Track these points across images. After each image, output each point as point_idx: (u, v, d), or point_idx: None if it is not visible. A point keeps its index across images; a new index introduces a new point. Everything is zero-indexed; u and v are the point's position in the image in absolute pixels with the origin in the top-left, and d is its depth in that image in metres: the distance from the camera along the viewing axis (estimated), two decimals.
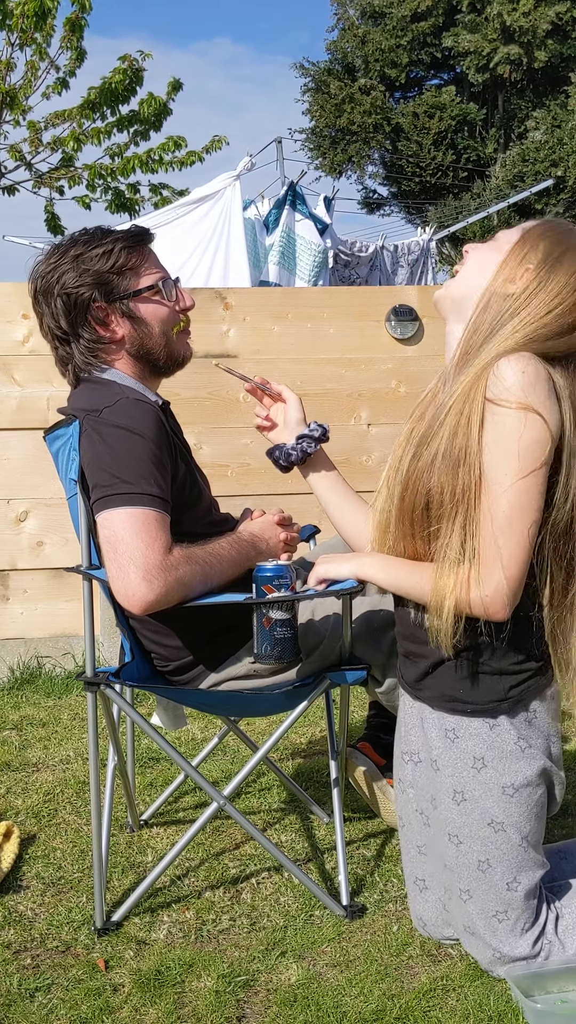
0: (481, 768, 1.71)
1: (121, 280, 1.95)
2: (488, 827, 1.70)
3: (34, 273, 1.98)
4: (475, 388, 1.61)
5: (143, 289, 1.97)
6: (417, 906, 1.86)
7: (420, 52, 17.42)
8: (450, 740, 1.73)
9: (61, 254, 1.96)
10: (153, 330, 1.99)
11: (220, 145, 9.55)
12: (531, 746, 1.71)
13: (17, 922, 1.97)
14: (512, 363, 1.59)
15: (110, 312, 1.96)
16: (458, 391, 1.64)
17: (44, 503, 3.89)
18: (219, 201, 5.81)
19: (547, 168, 14.00)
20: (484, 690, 1.71)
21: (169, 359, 2.04)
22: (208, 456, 3.95)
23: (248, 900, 2.04)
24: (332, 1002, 1.67)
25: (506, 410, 1.57)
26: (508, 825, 1.70)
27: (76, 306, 1.94)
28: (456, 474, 1.62)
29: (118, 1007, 1.69)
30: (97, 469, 1.82)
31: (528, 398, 1.56)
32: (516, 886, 1.71)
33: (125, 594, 1.76)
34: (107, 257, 1.94)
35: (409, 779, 1.84)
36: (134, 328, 1.98)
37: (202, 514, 2.03)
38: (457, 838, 1.73)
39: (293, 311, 4.07)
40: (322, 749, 2.91)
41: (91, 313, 1.94)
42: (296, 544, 2.12)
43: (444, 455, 1.64)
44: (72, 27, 8.76)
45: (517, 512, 1.59)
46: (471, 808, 1.71)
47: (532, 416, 1.56)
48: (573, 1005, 1.63)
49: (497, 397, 1.58)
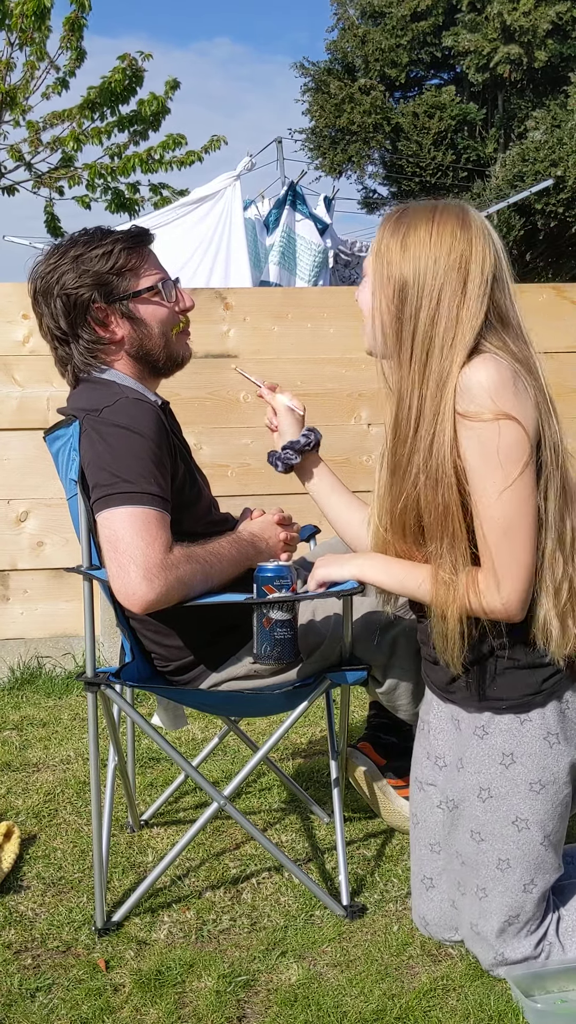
0: (510, 764, 1.71)
1: (121, 281, 1.95)
2: (512, 825, 1.71)
3: (34, 273, 1.98)
4: (443, 403, 1.61)
5: (143, 290, 1.97)
6: (421, 906, 1.86)
7: (420, 52, 17.42)
8: (479, 737, 1.74)
9: (61, 255, 1.96)
10: (152, 331, 1.99)
11: (219, 145, 9.56)
12: (560, 740, 1.71)
13: (18, 922, 1.97)
14: (474, 371, 1.59)
15: (110, 313, 1.96)
16: (426, 409, 1.63)
17: (44, 503, 3.89)
18: (219, 201, 5.81)
19: (547, 168, 13.98)
20: (519, 685, 1.71)
21: (168, 360, 2.04)
22: (208, 456, 3.95)
23: (248, 900, 2.04)
24: (332, 1002, 1.67)
25: (480, 423, 1.57)
26: (532, 823, 1.70)
27: (76, 307, 1.94)
28: (436, 493, 1.63)
29: (119, 1007, 1.69)
30: (97, 468, 1.82)
31: (498, 404, 1.57)
32: (532, 888, 1.72)
33: (125, 593, 1.76)
34: (107, 258, 1.94)
35: (430, 778, 1.84)
36: (133, 329, 1.98)
37: (202, 514, 2.03)
38: (479, 835, 1.73)
39: (293, 311, 4.07)
40: (322, 749, 2.91)
41: (91, 314, 1.94)
42: (296, 544, 2.12)
43: (425, 474, 1.64)
44: (72, 27, 8.76)
45: (513, 518, 1.59)
46: (497, 805, 1.71)
47: (505, 422, 1.56)
48: (573, 1005, 1.63)
49: (467, 411, 1.58)
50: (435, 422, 1.62)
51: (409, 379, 1.66)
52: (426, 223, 1.65)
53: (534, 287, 4.32)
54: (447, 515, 1.63)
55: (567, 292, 4.27)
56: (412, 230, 1.66)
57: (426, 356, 1.64)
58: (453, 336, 1.62)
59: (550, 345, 4.22)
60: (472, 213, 1.68)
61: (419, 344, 1.64)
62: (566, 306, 4.24)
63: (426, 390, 1.64)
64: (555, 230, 15.10)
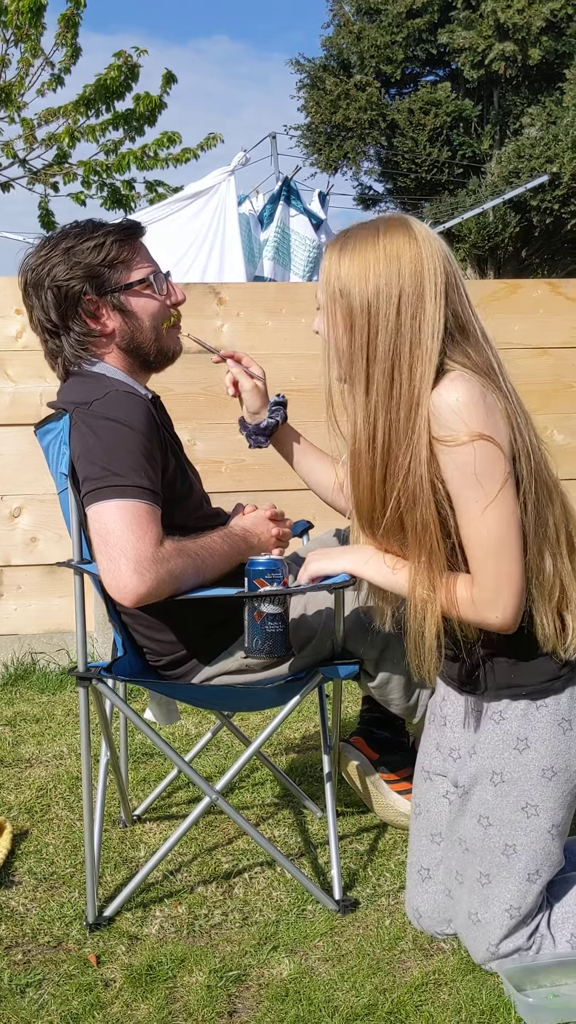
0: (523, 749, 1.71)
1: (112, 273, 1.94)
2: (522, 811, 1.71)
3: (24, 266, 1.97)
4: (416, 428, 1.60)
5: (134, 282, 1.96)
6: (416, 897, 1.86)
7: (415, 48, 17.41)
8: (495, 722, 1.74)
9: (52, 247, 1.95)
10: (143, 324, 1.98)
11: (215, 142, 9.54)
12: (574, 727, 1.72)
13: (9, 917, 1.97)
14: (443, 394, 1.58)
15: (101, 305, 1.95)
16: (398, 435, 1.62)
17: (38, 499, 3.88)
18: (213, 197, 5.80)
19: (542, 164, 13.99)
20: (540, 671, 1.71)
21: (159, 354, 2.03)
22: (202, 452, 3.95)
23: (240, 895, 2.04)
24: (324, 996, 1.67)
25: (455, 447, 1.57)
26: (542, 810, 1.71)
27: (67, 299, 1.93)
28: (415, 512, 1.63)
29: (109, 1002, 1.68)
30: (87, 462, 1.81)
31: (470, 425, 1.56)
32: (536, 878, 1.72)
33: (116, 586, 1.75)
34: (98, 250, 1.93)
35: (439, 769, 1.85)
36: (125, 322, 1.97)
37: (193, 508, 2.03)
38: (487, 820, 1.73)
39: (287, 306, 4.06)
40: (315, 744, 2.91)
41: (82, 306, 1.94)
42: (288, 539, 2.12)
43: (404, 496, 1.64)
44: (67, 23, 8.74)
45: (500, 534, 1.60)
46: (508, 790, 1.72)
47: (480, 443, 1.56)
48: (565, 999, 1.63)
49: (442, 436, 1.58)
50: (409, 448, 1.61)
51: (374, 404, 1.63)
52: (372, 242, 1.63)
53: (529, 283, 4.32)
54: (425, 532, 1.63)
55: (562, 288, 4.26)
56: (359, 251, 1.63)
57: (390, 380, 1.62)
58: (418, 355, 1.60)
59: (545, 341, 4.22)
60: (416, 224, 1.65)
61: (382, 367, 1.62)
62: (561, 302, 4.24)
63: (395, 415, 1.62)
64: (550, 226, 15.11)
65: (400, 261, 1.60)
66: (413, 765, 2.24)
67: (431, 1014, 1.62)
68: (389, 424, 1.63)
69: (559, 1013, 1.60)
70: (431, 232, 1.66)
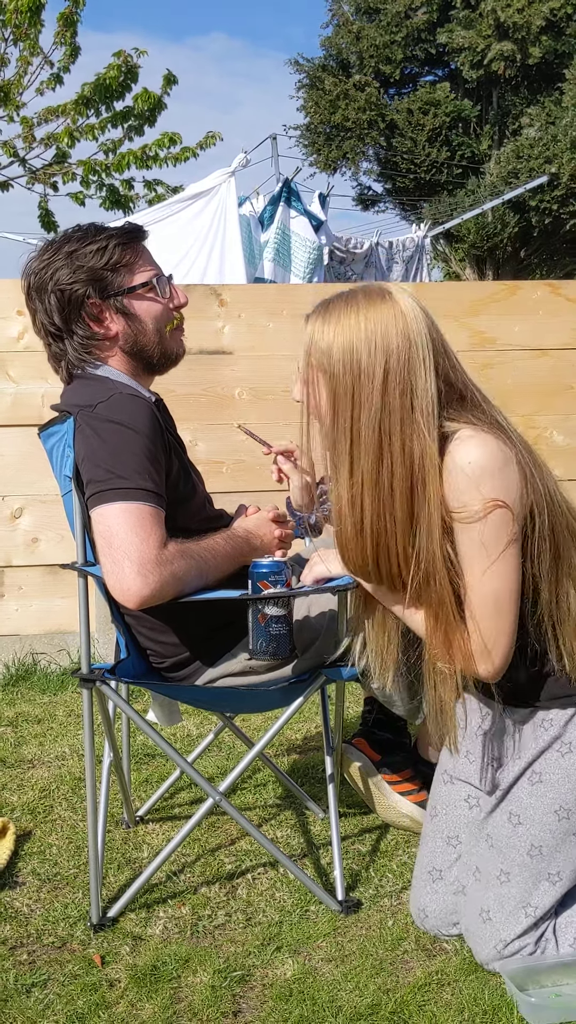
0: (566, 753, 1.72)
1: (115, 277, 1.95)
2: (554, 814, 1.72)
3: (27, 270, 1.98)
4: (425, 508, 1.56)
5: (137, 286, 1.97)
6: (423, 897, 1.87)
7: (414, 48, 17.40)
8: (543, 729, 1.75)
9: (55, 251, 1.95)
10: (147, 327, 1.99)
11: (214, 141, 9.54)
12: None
13: (13, 918, 1.97)
14: (455, 456, 1.55)
15: (104, 309, 1.96)
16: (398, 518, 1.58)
17: (39, 500, 3.89)
18: (214, 198, 5.81)
19: (541, 165, 13.99)
20: (567, 684, 1.73)
21: (163, 356, 2.04)
22: (203, 452, 3.95)
23: (244, 895, 2.05)
24: (327, 996, 1.68)
25: (469, 524, 1.56)
26: (574, 814, 1.72)
27: (70, 302, 1.93)
28: (429, 589, 1.62)
29: (114, 1002, 1.69)
30: (92, 464, 1.82)
31: (484, 491, 1.53)
32: (556, 880, 1.73)
33: (120, 589, 1.76)
34: (101, 254, 1.94)
35: (464, 774, 1.85)
36: (128, 325, 1.97)
37: (196, 510, 2.03)
38: (518, 818, 1.74)
39: (288, 308, 4.07)
40: (317, 745, 2.91)
41: (85, 309, 1.94)
42: (291, 541, 2.12)
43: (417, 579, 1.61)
44: (66, 22, 8.74)
45: (500, 592, 1.60)
46: (544, 791, 1.73)
47: (493, 513, 1.54)
48: (567, 999, 1.64)
49: (455, 508, 1.55)
50: (418, 530, 1.57)
51: (359, 487, 1.57)
52: (353, 309, 1.58)
53: (529, 284, 4.33)
54: (442, 607, 1.62)
55: (562, 289, 4.27)
56: (342, 325, 1.58)
57: (377, 461, 1.56)
58: (410, 432, 1.55)
59: (545, 342, 4.23)
60: (398, 294, 1.60)
61: (367, 448, 1.56)
62: (561, 303, 4.25)
63: (386, 499, 1.57)
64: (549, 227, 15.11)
65: (385, 334, 1.55)
66: (415, 766, 2.25)
67: (434, 1014, 1.63)
68: (379, 510, 1.58)
69: (561, 1012, 1.61)
70: (414, 301, 1.60)
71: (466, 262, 16.19)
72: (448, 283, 6.18)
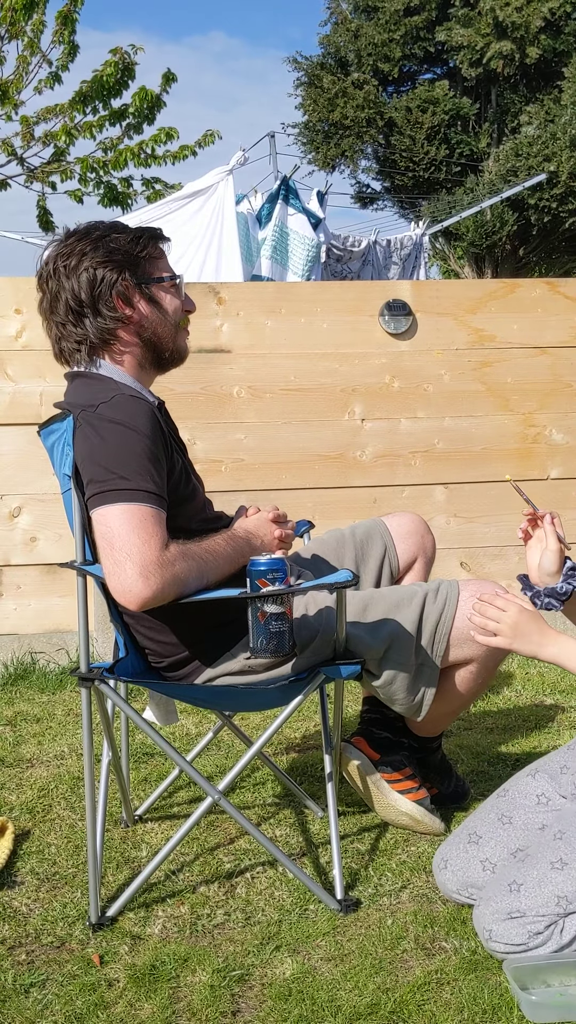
0: None
1: (147, 264, 2.00)
2: None
3: (52, 253, 1.98)
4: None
5: (165, 277, 2.02)
6: (451, 850, 1.90)
7: (413, 46, 17.38)
8: None
9: (79, 238, 1.99)
10: (168, 319, 2.03)
11: (213, 139, 9.53)
12: None
13: (12, 918, 1.97)
14: None
15: (134, 292, 1.97)
16: None
17: (37, 499, 3.88)
18: (212, 196, 5.80)
19: (540, 163, 13.98)
20: None
21: (174, 351, 2.07)
22: (202, 452, 3.95)
23: (243, 895, 2.05)
24: (327, 996, 1.68)
25: None
26: None
27: (103, 281, 1.95)
28: None
29: (113, 1002, 1.69)
30: (92, 464, 1.82)
31: None
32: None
33: (121, 590, 1.75)
34: (136, 242, 1.99)
35: (553, 770, 1.90)
36: (152, 311, 2.00)
37: (196, 511, 2.03)
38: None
39: (286, 306, 4.06)
40: (316, 744, 2.91)
41: (116, 288, 1.96)
42: (291, 541, 2.12)
43: None
44: (64, 21, 8.73)
45: None
46: None
47: None
48: (569, 998, 1.63)
49: None
50: None
51: None
52: None
53: (528, 282, 4.33)
54: None
55: (561, 287, 4.27)
56: None
57: None
58: None
59: (544, 340, 4.23)
60: None
61: None
62: (560, 301, 4.25)
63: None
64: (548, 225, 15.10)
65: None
66: (414, 765, 2.25)
67: (433, 1013, 1.63)
68: None
69: (561, 1011, 1.60)
70: None
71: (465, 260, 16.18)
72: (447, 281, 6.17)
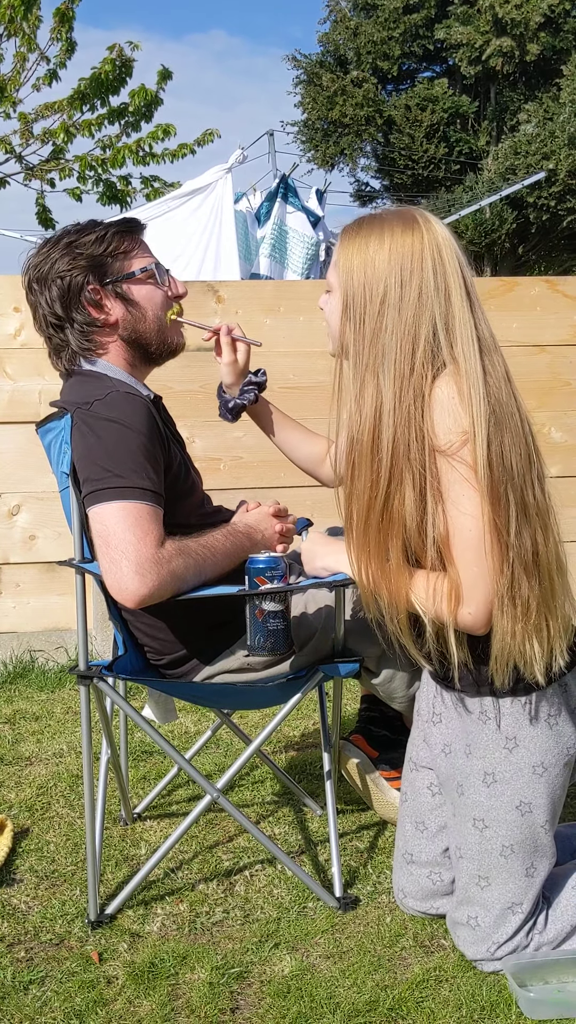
0: (513, 748, 1.72)
1: (114, 263, 1.98)
2: (516, 810, 1.72)
3: (28, 265, 1.99)
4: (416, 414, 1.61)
5: (136, 272, 1.99)
6: (401, 878, 1.91)
7: (412, 44, 17.38)
8: (482, 722, 1.74)
9: (53, 244, 1.98)
10: (146, 313, 2.00)
11: (212, 138, 9.52)
12: (560, 722, 1.73)
13: (11, 915, 1.97)
14: (438, 390, 1.60)
15: (104, 295, 1.97)
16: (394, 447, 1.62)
17: (36, 497, 3.88)
18: (211, 194, 5.80)
19: (539, 161, 13.99)
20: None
21: (161, 345, 2.04)
22: (201, 449, 3.95)
23: (242, 892, 2.05)
24: (326, 993, 1.68)
25: (448, 452, 1.58)
26: (535, 807, 1.72)
27: (70, 289, 1.95)
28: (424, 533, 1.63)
29: (112, 999, 1.69)
30: (88, 462, 1.81)
31: (461, 424, 1.58)
32: (534, 872, 1.73)
33: (118, 588, 1.75)
34: (100, 242, 1.97)
35: (425, 761, 1.87)
36: (127, 311, 1.99)
37: (195, 506, 2.03)
38: (483, 823, 1.74)
39: (285, 304, 4.06)
40: (315, 742, 2.91)
41: (85, 295, 1.95)
42: (292, 535, 2.12)
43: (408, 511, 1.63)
44: (62, 18, 8.71)
45: (478, 534, 1.60)
46: (501, 790, 1.72)
47: (468, 445, 1.58)
48: (568, 995, 1.63)
49: (442, 446, 1.59)
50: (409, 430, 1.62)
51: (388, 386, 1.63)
52: (387, 228, 1.65)
53: (527, 280, 4.32)
54: (441, 544, 1.63)
55: (560, 285, 4.27)
56: (374, 236, 1.65)
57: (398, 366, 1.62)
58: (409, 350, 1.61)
59: (543, 338, 4.23)
60: (432, 219, 1.68)
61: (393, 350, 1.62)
62: (559, 299, 4.24)
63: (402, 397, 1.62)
64: (547, 223, 15.11)
65: (415, 243, 1.63)
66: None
67: (432, 1010, 1.63)
68: (395, 408, 1.63)
69: (559, 1008, 1.61)
70: (445, 229, 1.68)
71: None
72: None
